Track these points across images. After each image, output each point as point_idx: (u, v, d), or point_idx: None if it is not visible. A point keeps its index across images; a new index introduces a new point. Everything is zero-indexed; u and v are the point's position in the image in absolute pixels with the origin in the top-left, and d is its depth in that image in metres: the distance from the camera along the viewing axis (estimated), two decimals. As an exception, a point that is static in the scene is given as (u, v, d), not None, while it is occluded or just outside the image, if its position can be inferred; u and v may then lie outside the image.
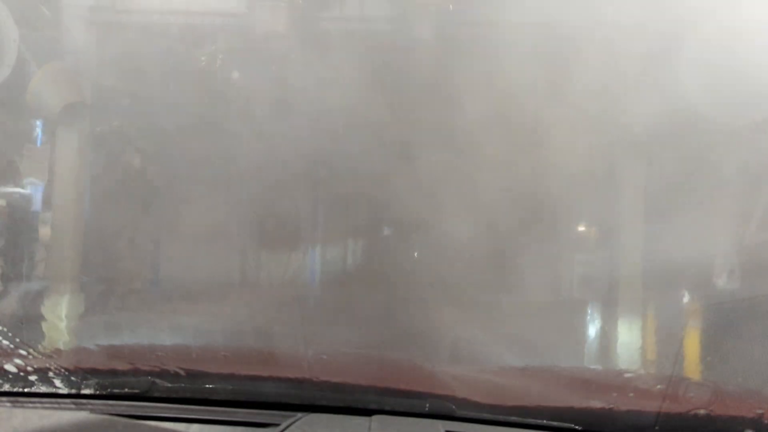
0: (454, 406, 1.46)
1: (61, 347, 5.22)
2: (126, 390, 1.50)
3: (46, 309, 5.74)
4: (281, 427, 1.35)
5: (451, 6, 4.87)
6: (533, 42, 4.08)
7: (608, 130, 4.53)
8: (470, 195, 4.48)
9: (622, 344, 5.73)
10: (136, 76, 5.25)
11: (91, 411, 1.40)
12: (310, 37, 4.88)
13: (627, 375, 2.61)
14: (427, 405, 1.46)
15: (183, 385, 1.53)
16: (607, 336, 6.13)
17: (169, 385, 1.51)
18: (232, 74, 5.20)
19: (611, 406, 1.55)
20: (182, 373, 1.66)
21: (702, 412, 1.48)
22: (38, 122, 9.95)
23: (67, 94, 5.45)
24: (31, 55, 5.27)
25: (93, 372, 1.59)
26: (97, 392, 1.49)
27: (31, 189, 10.03)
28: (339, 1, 5.28)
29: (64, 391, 1.49)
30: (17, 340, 1.80)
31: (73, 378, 1.51)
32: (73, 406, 1.45)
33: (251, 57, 5.01)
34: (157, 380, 1.51)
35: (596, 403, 1.61)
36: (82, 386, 1.49)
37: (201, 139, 4.98)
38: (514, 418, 1.44)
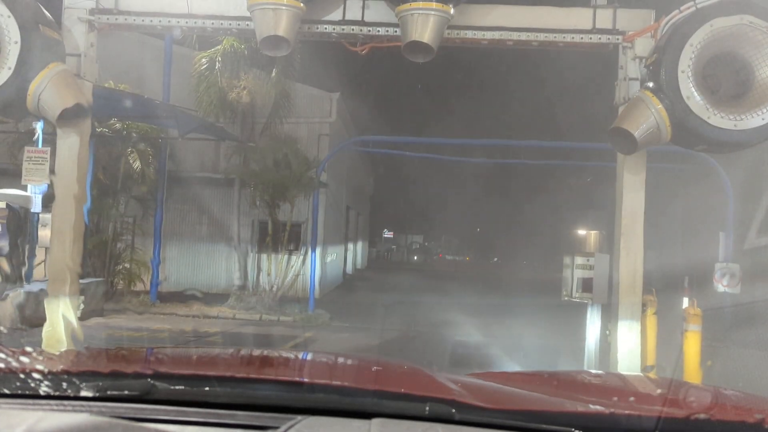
0: (453, 410, 1.45)
1: (61, 349, 5.22)
2: (125, 392, 1.50)
3: (46, 311, 5.73)
4: (280, 430, 1.35)
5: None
6: None
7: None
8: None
9: (623, 348, 5.72)
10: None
11: (91, 413, 1.39)
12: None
13: (628, 379, 2.61)
14: (427, 408, 1.45)
15: (182, 387, 1.53)
16: (607, 340, 6.12)
17: (169, 387, 1.51)
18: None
19: (612, 409, 1.54)
20: (182, 375, 1.66)
21: (702, 416, 1.47)
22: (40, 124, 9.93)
23: (69, 96, 5.44)
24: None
25: (93, 374, 1.59)
26: (97, 394, 1.48)
27: (32, 190, 10.01)
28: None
29: (64, 393, 1.49)
30: (18, 341, 1.80)
31: (73, 380, 1.51)
32: (72, 407, 1.44)
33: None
34: (157, 382, 1.51)
35: (597, 407, 1.60)
36: (82, 388, 1.49)
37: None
38: (514, 422, 1.44)
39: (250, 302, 13.71)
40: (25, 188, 10.03)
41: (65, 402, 1.47)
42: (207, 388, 1.53)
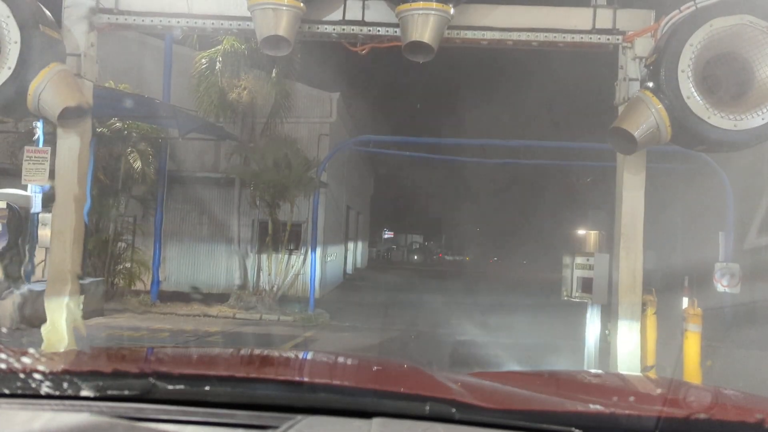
0: (453, 410, 1.45)
1: (62, 349, 5.22)
2: (126, 392, 1.50)
3: (46, 311, 5.73)
4: (280, 430, 1.35)
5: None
6: None
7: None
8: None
9: (623, 348, 5.72)
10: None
11: (92, 412, 1.39)
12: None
13: (628, 379, 2.61)
14: (427, 408, 1.46)
15: (183, 387, 1.53)
16: (607, 340, 6.12)
17: (170, 387, 1.51)
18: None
19: (612, 409, 1.55)
20: (182, 375, 1.66)
21: (702, 416, 1.48)
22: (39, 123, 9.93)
23: (69, 96, 5.44)
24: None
25: (93, 373, 1.59)
26: (98, 394, 1.48)
27: (32, 190, 10.01)
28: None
29: (65, 392, 1.49)
30: (18, 341, 1.80)
31: (73, 379, 1.51)
32: (73, 407, 1.44)
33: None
34: (158, 382, 1.51)
35: (597, 407, 1.60)
36: (83, 388, 1.49)
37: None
38: (514, 422, 1.44)
39: (251, 302, 13.71)
40: (25, 188, 10.04)
41: (66, 402, 1.47)
42: (207, 388, 1.53)
